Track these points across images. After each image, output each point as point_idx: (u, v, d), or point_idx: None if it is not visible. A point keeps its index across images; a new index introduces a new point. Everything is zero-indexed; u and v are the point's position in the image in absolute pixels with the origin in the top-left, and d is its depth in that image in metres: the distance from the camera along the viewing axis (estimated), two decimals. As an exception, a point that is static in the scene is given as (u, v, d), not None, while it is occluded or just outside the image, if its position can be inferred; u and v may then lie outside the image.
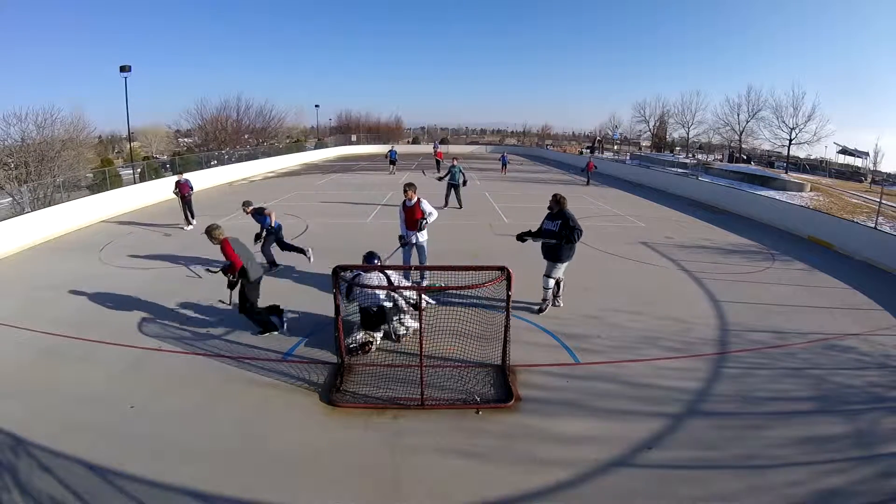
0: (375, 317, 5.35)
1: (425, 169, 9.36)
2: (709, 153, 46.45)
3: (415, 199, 6.99)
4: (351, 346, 5.20)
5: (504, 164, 24.59)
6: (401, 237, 7.18)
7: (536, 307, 6.50)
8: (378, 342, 5.42)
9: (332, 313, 4.84)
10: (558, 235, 6.07)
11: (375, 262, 5.77)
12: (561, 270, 6.36)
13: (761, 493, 3.38)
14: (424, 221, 6.98)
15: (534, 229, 6.40)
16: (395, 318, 5.49)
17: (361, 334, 5.34)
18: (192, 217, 11.99)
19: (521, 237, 6.40)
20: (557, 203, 6.21)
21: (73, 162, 20.97)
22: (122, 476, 3.46)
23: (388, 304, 5.41)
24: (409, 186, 7.07)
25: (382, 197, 16.14)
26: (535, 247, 6.53)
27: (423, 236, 7.15)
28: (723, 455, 3.77)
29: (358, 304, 5.37)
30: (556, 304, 6.64)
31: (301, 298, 6.85)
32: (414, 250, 7.29)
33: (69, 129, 22.46)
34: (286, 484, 3.44)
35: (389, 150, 24.75)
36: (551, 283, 6.40)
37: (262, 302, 5.72)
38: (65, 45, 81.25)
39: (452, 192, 14.06)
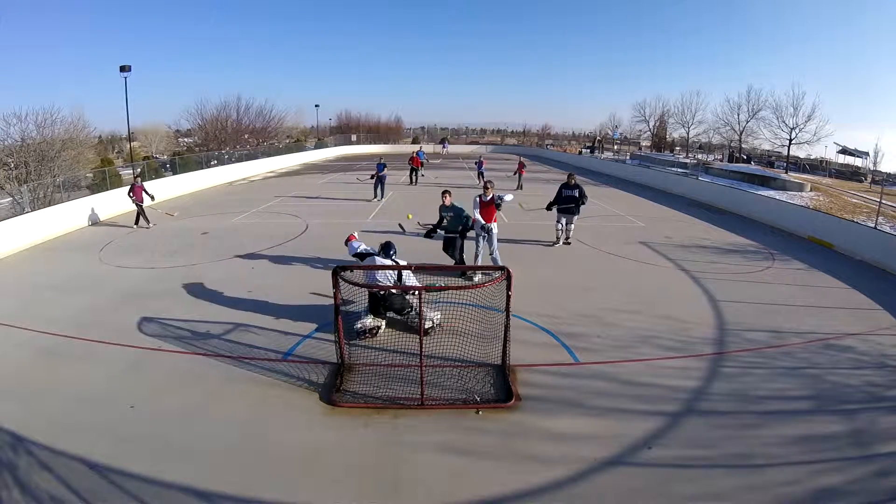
0: (381, 301, 5.56)
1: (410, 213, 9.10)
2: (709, 153, 46.30)
3: (490, 195, 7.87)
4: (359, 329, 5.54)
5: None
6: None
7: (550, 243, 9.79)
8: (383, 329, 5.73)
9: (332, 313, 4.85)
10: (577, 198, 9.67)
11: (391, 253, 5.97)
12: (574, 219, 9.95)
13: (759, 492, 3.39)
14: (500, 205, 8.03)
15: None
16: (410, 311, 5.66)
17: (370, 319, 5.60)
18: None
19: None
20: (573, 178, 9.94)
21: (73, 162, 20.93)
22: (122, 474, 3.48)
23: (395, 292, 5.55)
24: (490, 183, 8.15)
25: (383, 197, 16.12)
26: (534, 247, 6.51)
27: (494, 226, 7.99)
28: (721, 454, 3.79)
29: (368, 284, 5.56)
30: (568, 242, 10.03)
31: (301, 298, 6.86)
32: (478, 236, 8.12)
33: (69, 129, 22.38)
34: (286, 483, 3.45)
35: (416, 152, 20.73)
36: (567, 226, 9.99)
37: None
38: (65, 46, 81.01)
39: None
